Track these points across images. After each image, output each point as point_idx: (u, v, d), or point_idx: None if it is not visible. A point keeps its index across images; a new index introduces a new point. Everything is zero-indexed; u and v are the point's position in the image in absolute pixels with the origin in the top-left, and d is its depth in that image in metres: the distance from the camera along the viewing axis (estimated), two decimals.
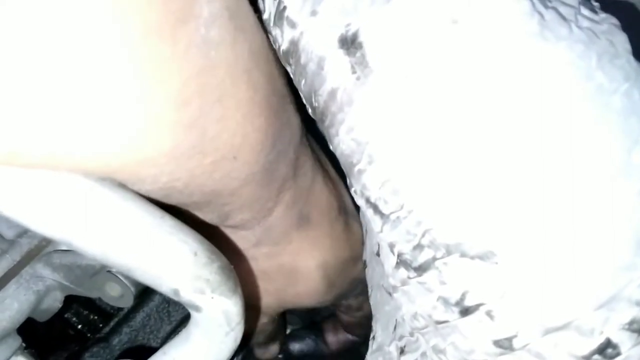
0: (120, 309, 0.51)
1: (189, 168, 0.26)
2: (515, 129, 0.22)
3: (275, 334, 0.51)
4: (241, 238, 0.37)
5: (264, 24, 0.29)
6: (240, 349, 0.34)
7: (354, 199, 0.44)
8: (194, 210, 0.32)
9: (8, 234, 0.37)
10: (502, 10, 0.23)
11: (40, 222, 0.23)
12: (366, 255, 0.38)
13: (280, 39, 0.28)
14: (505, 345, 0.24)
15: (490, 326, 0.24)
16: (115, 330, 0.49)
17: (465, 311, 0.24)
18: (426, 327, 0.28)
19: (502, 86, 0.22)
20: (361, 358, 0.46)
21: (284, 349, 0.55)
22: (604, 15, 0.25)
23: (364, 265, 0.38)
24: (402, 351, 0.31)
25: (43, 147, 0.22)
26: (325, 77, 0.26)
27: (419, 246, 0.25)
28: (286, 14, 0.27)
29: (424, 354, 0.29)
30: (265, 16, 0.28)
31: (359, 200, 0.28)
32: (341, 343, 0.55)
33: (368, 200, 0.26)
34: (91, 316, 0.52)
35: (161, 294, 0.50)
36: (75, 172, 0.23)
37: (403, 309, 0.29)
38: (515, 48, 0.22)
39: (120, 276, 0.37)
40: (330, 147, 0.28)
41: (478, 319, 0.24)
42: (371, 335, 0.37)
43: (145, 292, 0.48)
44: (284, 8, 0.27)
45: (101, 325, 0.51)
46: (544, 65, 0.22)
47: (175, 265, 0.25)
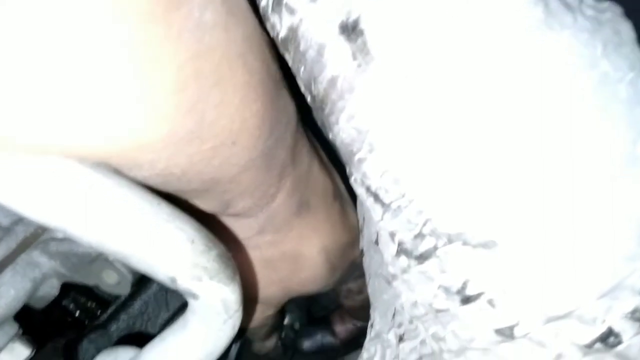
0: (117, 296, 0.51)
1: (187, 154, 0.26)
2: (518, 118, 0.22)
3: (276, 326, 0.51)
4: (244, 227, 0.37)
5: (258, 10, 0.28)
6: (237, 337, 0.34)
7: (346, 184, 0.44)
8: (194, 198, 0.32)
9: (4, 221, 0.37)
10: None
11: (35, 210, 0.22)
12: (363, 243, 0.38)
13: (279, 26, 0.27)
14: (506, 333, 0.24)
15: (491, 314, 0.24)
16: (113, 317, 0.49)
17: (466, 300, 0.24)
18: (426, 315, 0.28)
19: (505, 75, 0.22)
20: (332, 359, 0.47)
21: (297, 347, 0.55)
22: (607, 3, 0.25)
23: (362, 253, 0.38)
24: (401, 339, 0.31)
25: (37, 132, 0.21)
26: (325, 65, 0.25)
27: (420, 235, 0.25)
28: (285, 0, 0.26)
29: (423, 342, 0.29)
30: (262, 3, 0.28)
31: (359, 189, 0.27)
32: (349, 331, 0.56)
33: (368, 189, 0.26)
34: (89, 303, 0.52)
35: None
36: (70, 158, 0.23)
37: (402, 297, 0.29)
38: (520, 36, 0.22)
39: (117, 264, 0.37)
40: (330, 136, 0.28)
41: (479, 307, 0.24)
42: (369, 323, 0.37)
43: (143, 280, 0.48)
44: None
45: (99, 312, 0.51)
46: (548, 53, 0.22)
47: (172, 253, 0.25)
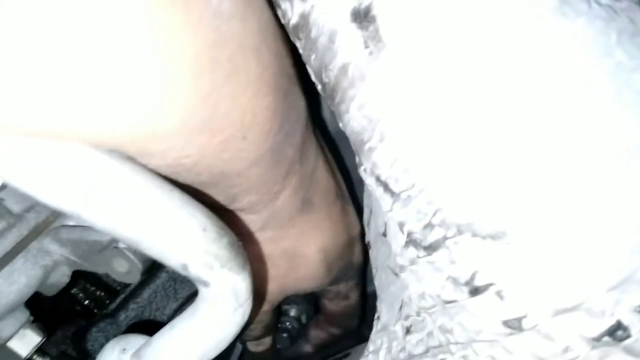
0: (126, 285, 0.51)
1: (198, 145, 0.26)
2: (529, 107, 0.22)
3: (273, 324, 0.51)
4: (247, 222, 0.37)
5: (272, 1, 0.28)
6: (245, 327, 0.34)
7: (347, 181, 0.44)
8: (201, 190, 0.32)
9: (15, 208, 0.37)
10: None
11: (49, 194, 0.23)
12: (370, 236, 0.38)
13: (290, 13, 0.27)
14: (514, 325, 0.24)
15: (500, 306, 0.24)
16: (121, 306, 0.50)
17: (475, 291, 0.24)
18: (434, 307, 0.27)
19: (518, 63, 0.22)
20: (342, 350, 0.46)
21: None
22: None
23: (368, 246, 0.38)
24: (408, 331, 0.31)
25: (54, 117, 0.22)
26: (336, 52, 0.25)
27: (429, 225, 0.24)
28: None
29: (430, 334, 0.29)
30: None
31: (368, 179, 0.27)
32: (322, 339, 0.54)
33: (378, 179, 0.26)
34: (97, 292, 0.52)
35: (167, 271, 0.51)
36: (85, 144, 0.23)
37: (410, 288, 0.29)
38: (534, 23, 0.22)
39: (127, 252, 0.37)
40: (340, 125, 0.28)
41: (487, 298, 0.24)
42: (375, 316, 0.37)
43: (152, 269, 0.48)
44: None
45: (107, 301, 0.51)
46: (562, 41, 0.22)
47: (184, 240, 0.25)
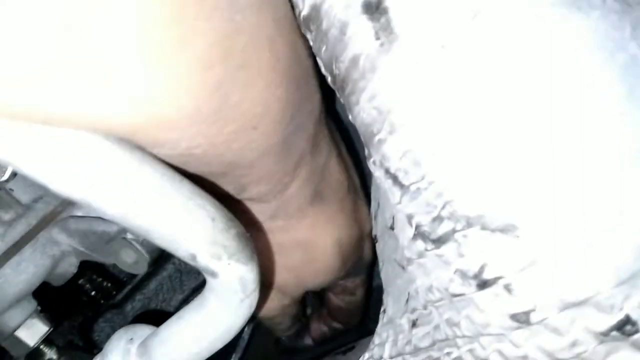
0: (133, 276, 0.51)
1: (209, 135, 0.26)
2: (541, 101, 0.22)
3: (299, 315, 0.50)
4: (256, 211, 0.37)
5: None
6: (251, 319, 0.34)
7: (360, 177, 0.44)
8: (211, 180, 0.32)
9: (24, 198, 0.37)
10: None
11: (59, 182, 0.23)
12: (377, 230, 0.38)
13: (301, 4, 0.27)
14: (522, 319, 0.24)
15: (508, 300, 0.24)
16: (128, 297, 0.50)
17: (483, 284, 0.24)
18: (441, 300, 0.27)
19: (531, 56, 0.22)
20: (342, 345, 0.46)
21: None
22: None
23: (375, 240, 0.38)
24: (414, 324, 0.31)
25: (64, 105, 0.22)
26: (347, 43, 0.25)
27: (438, 218, 0.24)
28: None
29: (437, 327, 0.29)
30: None
31: (377, 172, 0.27)
32: (323, 333, 0.54)
33: (387, 171, 0.26)
34: (104, 283, 0.52)
35: (174, 262, 0.51)
36: (96, 132, 0.23)
37: (417, 281, 0.29)
38: (548, 16, 0.22)
39: (135, 243, 0.38)
40: (350, 117, 0.28)
41: (495, 292, 0.24)
42: (381, 309, 0.37)
43: (159, 261, 0.48)
44: None
45: (114, 292, 0.52)
46: (576, 34, 0.22)
47: (193, 230, 0.25)
